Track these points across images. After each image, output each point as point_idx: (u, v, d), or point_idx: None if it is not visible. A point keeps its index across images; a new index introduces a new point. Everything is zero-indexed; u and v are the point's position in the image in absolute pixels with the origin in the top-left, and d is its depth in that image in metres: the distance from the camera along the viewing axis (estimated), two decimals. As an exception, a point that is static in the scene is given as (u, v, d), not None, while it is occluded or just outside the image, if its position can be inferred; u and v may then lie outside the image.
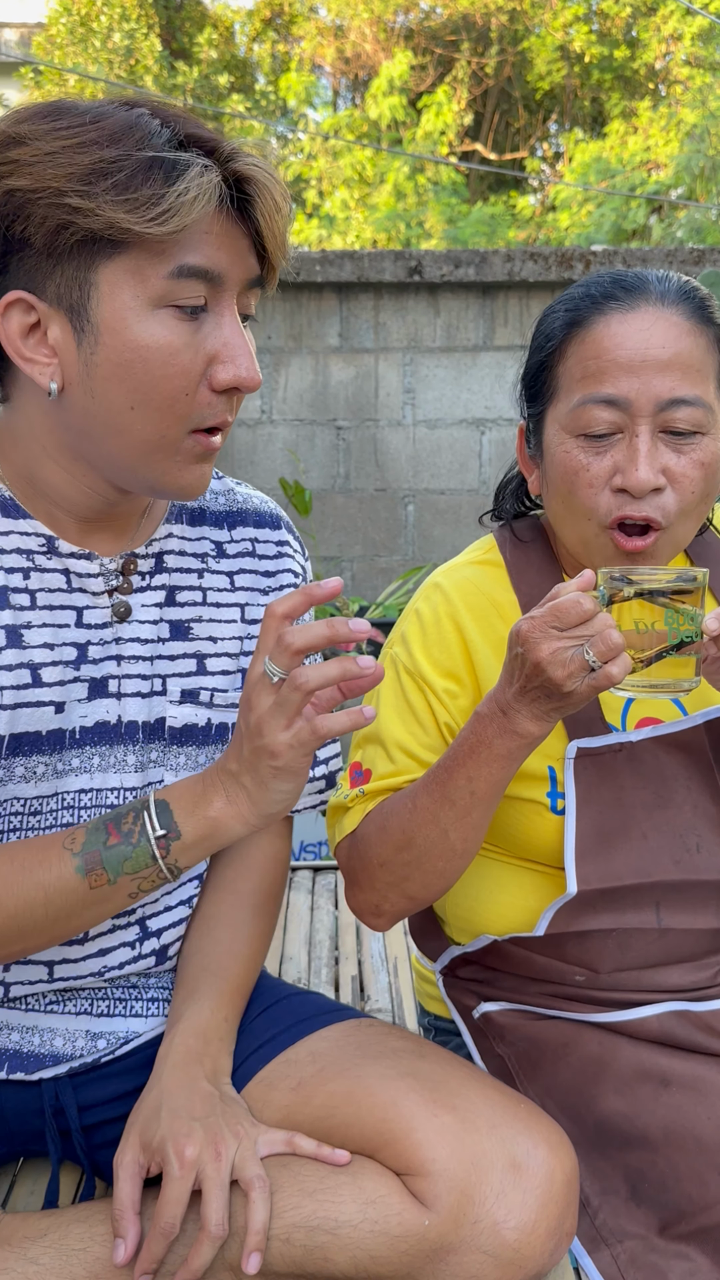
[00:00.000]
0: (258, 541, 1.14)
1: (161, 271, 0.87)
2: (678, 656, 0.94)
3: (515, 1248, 0.93)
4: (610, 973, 1.14)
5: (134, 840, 0.93)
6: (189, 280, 0.88)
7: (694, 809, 1.12)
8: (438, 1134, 0.95)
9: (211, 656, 1.08)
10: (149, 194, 0.84)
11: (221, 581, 1.11)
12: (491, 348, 4.61)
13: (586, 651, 0.90)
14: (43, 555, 1.00)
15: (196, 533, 1.11)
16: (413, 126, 11.69)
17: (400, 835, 1.06)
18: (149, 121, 0.87)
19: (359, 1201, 0.93)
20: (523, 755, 1.00)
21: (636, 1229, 1.04)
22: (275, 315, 4.57)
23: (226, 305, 0.91)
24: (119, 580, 1.04)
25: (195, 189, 0.84)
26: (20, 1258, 0.97)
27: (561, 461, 1.06)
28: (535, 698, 0.94)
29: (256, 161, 0.90)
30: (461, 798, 1.02)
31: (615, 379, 1.02)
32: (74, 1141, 1.08)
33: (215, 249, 0.89)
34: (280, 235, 0.92)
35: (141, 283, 0.87)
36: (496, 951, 1.19)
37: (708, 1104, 1.08)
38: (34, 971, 1.05)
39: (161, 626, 1.06)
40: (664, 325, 1.03)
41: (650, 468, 1.01)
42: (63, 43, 11.62)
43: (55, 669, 1.00)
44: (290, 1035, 1.07)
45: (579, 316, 1.07)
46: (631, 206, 10.41)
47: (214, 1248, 0.91)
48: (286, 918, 1.90)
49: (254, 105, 12.30)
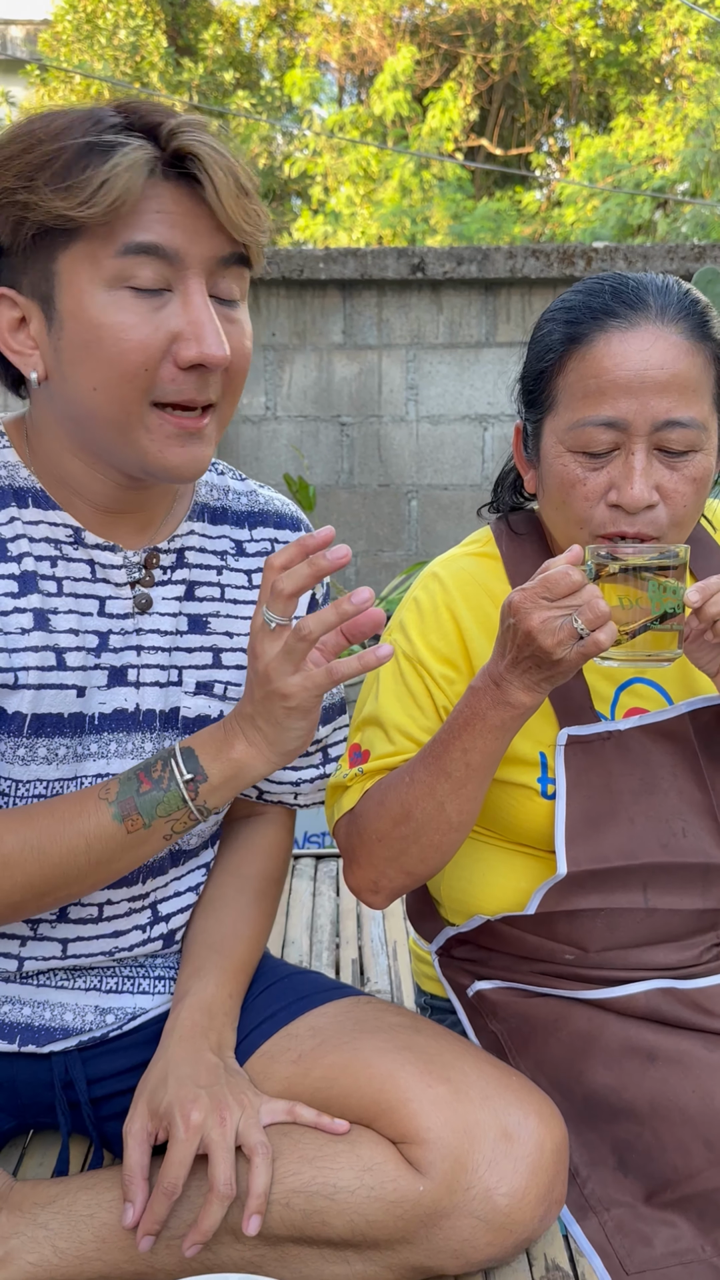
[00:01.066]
0: (276, 542, 1.17)
1: (110, 251, 0.89)
2: (660, 629, 0.99)
3: (506, 1213, 0.97)
4: (599, 951, 1.18)
5: (164, 786, 0.98)
6: (139, 257, 0.89)
7: (680, 795, 1.15)
8: (432, 1104, 0.98)
9: (227, 651, 1.11)
10: (82, 179, 0.87)
11: (239, 579, 1.13)
12: (494, 344, 4.63)
13: (575, 620, 0.94)
14: (70, 545, 1.04)
15: (218, 531, 1.14)
16: (418, 123, 11.69)
17: (398, 809, 1.09)
18: (103, 112, 0.91)
19: (356, 1168, 0.97)
20: (515, 726, 1.03)
21: (623, 1197, 1.08)
22: (279, 312, 4.60)
23: (193, 284, 0.92)
24: (141, 573, 1.07)
25: (121, 166, 0.86)
26: (30, 1223, 1.01)
27: (559, 474, 1.09)
28: (527, 668, 0.98)
29: (201, 137, 0.90)
30: (457, 770, 1.05)
31: (614, 400, 1.05)
32: (83, 1113, 1.12)
33: (167, 227, 0.90)
34: (238, 207, 0.91)
35: (95, 266, 0.90)
36: (490, 931, 1.22)
37: (693, 1077, 1.11)
38: (48, 948, 1.09)
39: (180, 619, 1.09)
40: (663, 345, 1.05)
41: (645, 486, 1.04)
42: (68, 40, 11.63)
43: (78, 654, 1.03)
44: (291, 1011, 1.11)
45: (579, 331, 1.08)
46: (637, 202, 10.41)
47: (223, 1207, 0.95)
48: (289, 903, 1.94)
49: (259, 102, 12.31)
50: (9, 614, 1.00)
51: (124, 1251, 1.00)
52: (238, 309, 0.98)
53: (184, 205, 0.90)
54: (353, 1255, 0.98)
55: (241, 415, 4.68)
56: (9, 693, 1.00)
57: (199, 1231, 0.96)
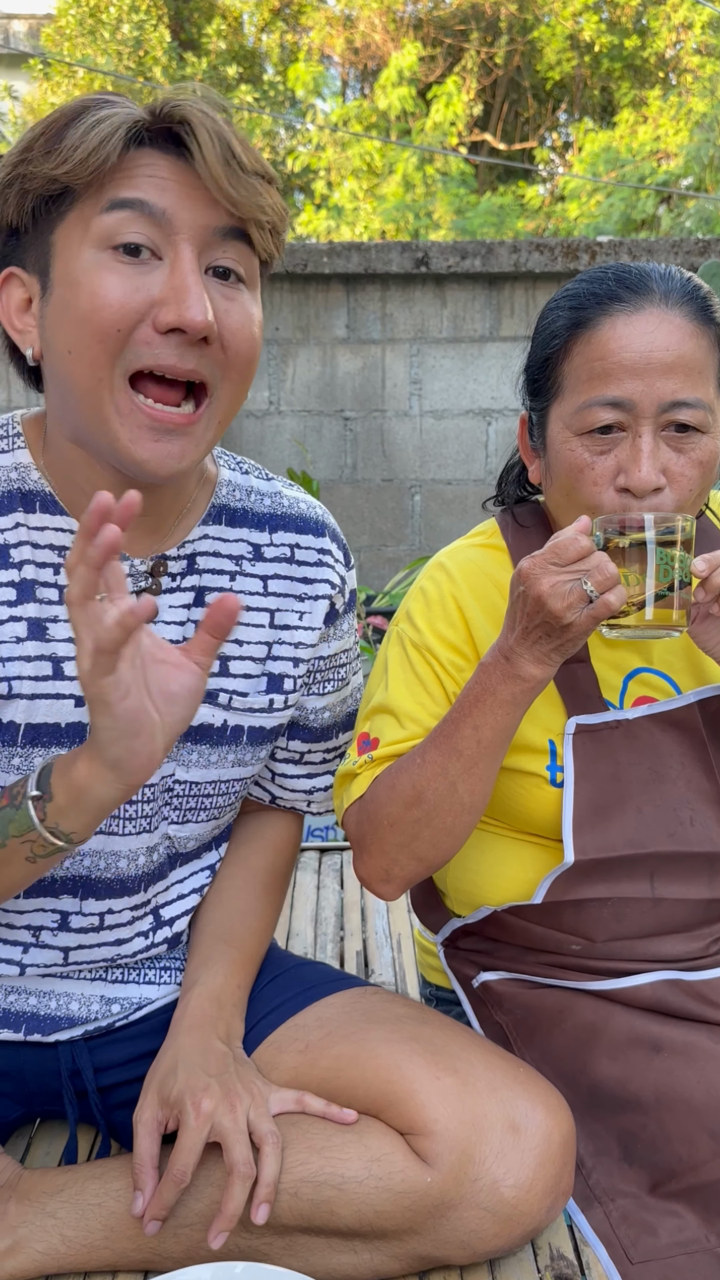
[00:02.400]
0: (298, 548, 1.13)
1: (97, 209, 0.89)
2: (667, 600, 0.99)
3: (513, 1204, 0.97)
4: (605, 942, 1.18)
5: (18, 802, 0.88)
6: (125, 213, 0.88)
7: (688, 784, 1.15)
8: (439, 1096, 0.99)
9: (235, 659, 1.09)
10: (68, 140, 0.87)
11: (254, 585, 1.10)
12: (498, 338, 4.63)
13: (585, 583, 0.95)
14: None
15: (235, 534, 1.10)
16: (422, 117, 11.67)
17: (410, 791, 1.08)
18: (109, 95, 0.92)
19: (364, 1159, 0.97)
20: (526, 701, 1.03)
21: (628, 1188, 1.08)
22: (283, 307, 4.60)
23: (183, 250, 0.89)
24: (148, 582, 1.04)
25: (102, 125, 0.87)
26: (39, 1212, 1.02)
27: (566, 459, 1.09)
28: (537, 638, 0.99)
29: (194, 103, 0.88)
30: (469, 747, 1.05)
31: (620, 381, 1.05)
32: (90, 1102, 1.12)
33: (157, 189, 0.89)
34: (227, 178, 0.88)
35: (84, 228, 0.90)
36: (495, 922, 1.22)
37: (698, 1069, 1.11)
38: (50, 955, 1.09)
39: (188, 628, 1.06)
40: (668, 328, 1.06)
41: (652, 468, 1.05)
42: (72, 34, 11.61)
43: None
44: (298, 1002, 1.11)
45: (584, 316, 1.09)
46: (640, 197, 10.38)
47: (245, 1187, 0.95)
48: (294, 896, 1.95)
49: (262, 96, 12.29)
50: (4, 623, 0.98)
51: (132, 1240, 1.00)
52: (240, 289, 0.94)
53: (178, 173, 0.89)
54: (360, 1245, 0.98)
55: (245, 410, 4.68)
56: (2, 703, 0.98)
57: (225, 1218, 0.95)
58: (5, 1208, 1.02)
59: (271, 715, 1.12)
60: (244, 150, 0.90)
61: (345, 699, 1.23)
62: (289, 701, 1.14)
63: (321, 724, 1.21)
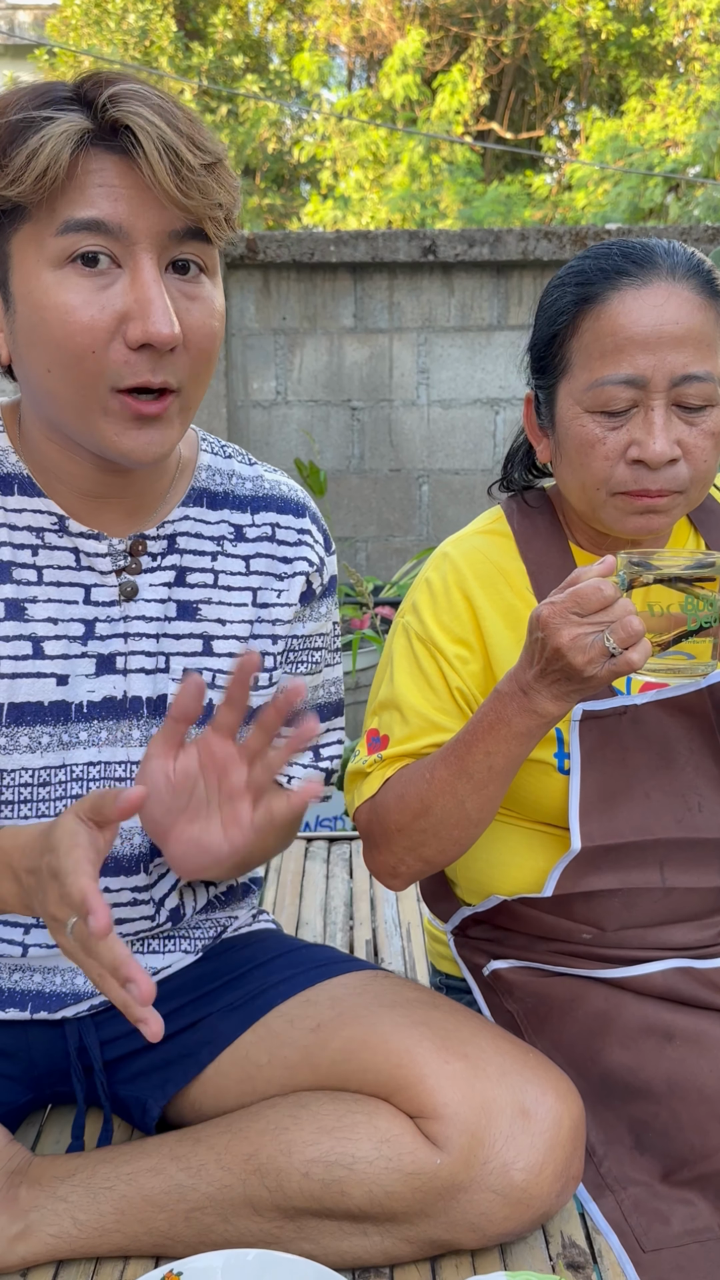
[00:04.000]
0: (279, 527, 1.14)
1: (51, 230, 0.87)
2: (695, 640, 0.97)
3: (523, 1188, 0.97)
4: (616, 931, 1.17)
5: None
6: (80, 234, 0.87)
7: (696, 770, 1.15)
8: (449, 1080, 0.99)
9: (219, 639, 1.10)
10: (13, 155, 0.85)
11: (236, 565, 1.11)
12: (505, 327, 4.61)
13: (607, 638, 0.92)
14: (54, 533, 1.03)
15: (217, 516, 1.11)
16: (427, 106, 11.61)
17: (418, 804, 1.09)
18: (56, 87, 0.88)
19: (374, 1140, 0.97)
20: (541, 733, 1.03)
21: (640, 1176, 1.08)
22: (290, 296, 4.59)
23: (142, 259, 0.89)
24: (127, 560, 1.06)
25: (47, 141, 0.84)
26: (50, 1196, 1.02)
27: (577, 435, 1.09)
28: (555, 679, 0.97)
29: (134, 108, 0.85)
30: (479, 771, 1.05)
31: (632, 357, 1.05)
32: (95, 1079, 1.12)
33: (110, 201, 0.87)
34: (175, 184, 0.86)
35: (39, 246, 0.88)
36: (506, 911, 1.22)
37: (710, 1057, 1.11)
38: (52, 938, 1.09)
39: (169, 606, 1.07)
40: (677, 301, 1.05)
41: (666, 441, 1.04)
42: (77, 24, 11.57)
43: (59, 643, 1.03)
44: (310, 977, 1.12)
45: (591, 292, 1.08)
46: (649, 185, 10.33)
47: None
48: (303, 885, 1.95)
49: (268, 86, 12.24)
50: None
51: (143, 1224, 1.01)
52: (201, 284, 0.94)
53: (128, 178, 0.87)
54: (371, 1228, 0.98)
55: (252, 400, 4.67)
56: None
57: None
58: (16, 1193, 1.02)
59: (256, 694, 1.13)
60: (190, 147, 0.87)
61: (317, 687, 1.22)
62: (272, 679, 1.15)
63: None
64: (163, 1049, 1.13)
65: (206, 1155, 1.01)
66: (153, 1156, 1.03)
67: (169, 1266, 0.94)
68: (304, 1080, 1.05)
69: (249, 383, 4.67)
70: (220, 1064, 1.09)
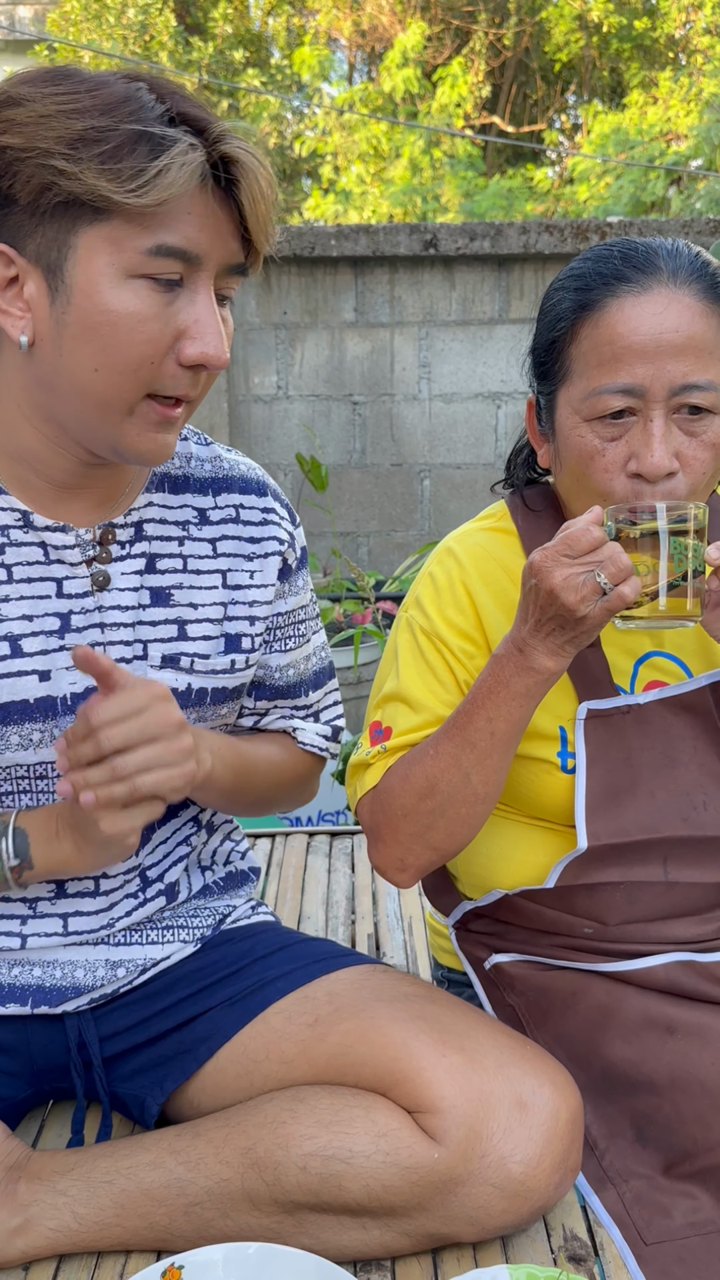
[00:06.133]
0: (243, 508, 1.16)
1: (140, 246, 0.90)
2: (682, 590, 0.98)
3: (521, 1181, 0.97)
4: (618, 925, 1.17)
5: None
6: (167, 259, 0.91)
7: (700, 768, 1.14)
8: (446, 1073, 0.98)
9: (193, 623, 1.11)
10: (133, 166, 0.86)
11: (203, 549, 1.12)
12: (507, 321, 4.60)
13: (599, 575, 0.94)
14: (18, 530, 1.03)
15: (179, 500, 1.12)
16: (428, 99, 11.58)
17: (423, 782, 1.08)
18: (145, 95, 0.90)
19: (372, 1134, 0.97)
20: (540, 693, 1.03)
21: (642, 1169, 1.08)
22: (291, 290, 4.58)
23: (203, 283, 0.94)
24: (96, 550, 1.06)
25: (178, 165, 0.87)
26: (49, 1190, 1.02)
27: (576, 446, 1.08)
28: (550, 630, 0.98)
29: (244, 145, 0.91)
30: (482, 739, 1.05)
31: (630, 366, 1.03)
32: (95, 1075, 1.12)
33: (196, 229, 0.91)
34: (264, 220, 0.94)
35: (118, 252, 0.90)
36: (508, 905, 1.22)
37: (712, 1050, 1.11)
38: (50, 924, 1.10)
39: (142, 593, 1.08)
40: (677, 308, 1.03)
41: (665, 453, 1.03)
42: (77, 19, 11.55)
43: (37, 639, 1.03)
44: (308, 972, 1.11)
45: (590, 298, 1.07)
46: (650, 178, 10.30)
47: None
48: (305, 879, 1.95)
49: (269, 80, 12.22)
50: None
51: (142, 1219, 1.01)
52: (228, 308, 1.00)
53: (211, 208, 0.92)
54: (370, 1222, 0.98)
55: (253, 395, 4.67)
56: None
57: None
58: (15, 1187, 1.02)
59: (234, 675, 1.14)
60: (271, 189, 0.94)
61: (309, 656, 1.26)
62: (250, 661, 1.16)
63: (286, 681, 1.24)
64: (161, 1045, 1.13)
65: (205, 1149, 1.01)
66: (152, 1151, 1.03)
67: (170, 1260, 0.94)
68: (302, 1075, 1.05)
69: (250, 377, 4.66)
70: (218, 1060, 1.09)
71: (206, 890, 1.21)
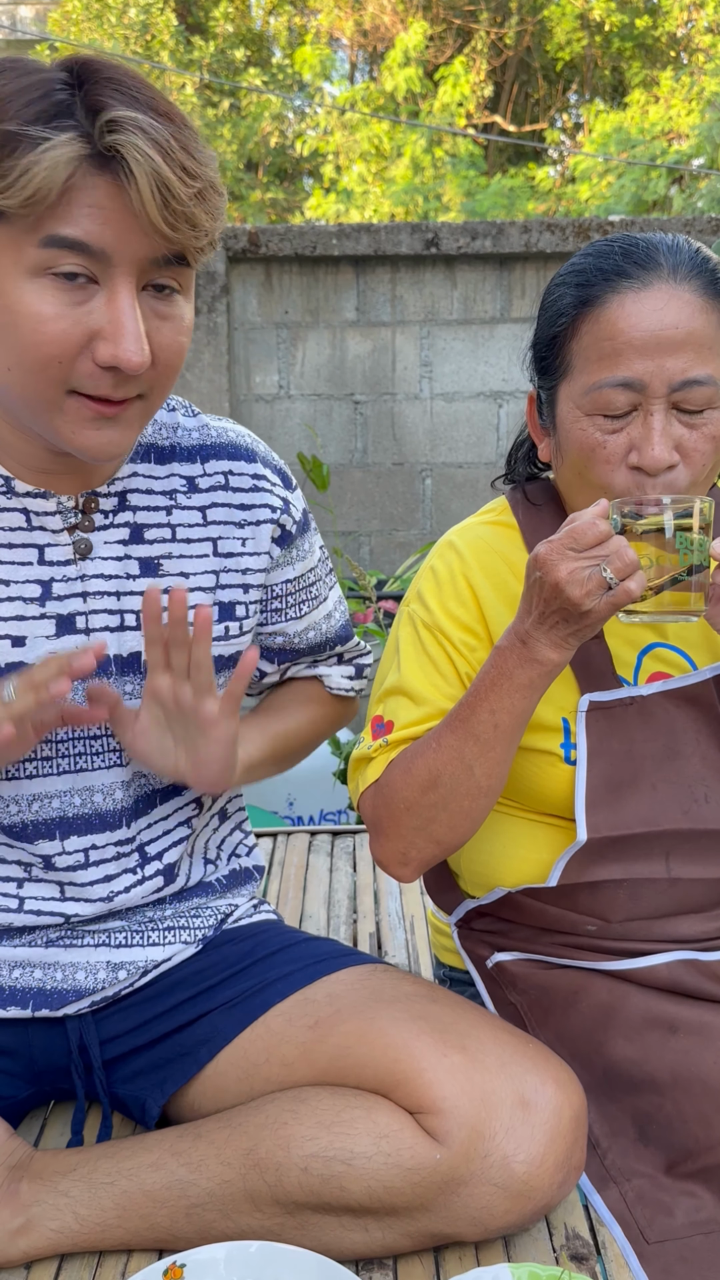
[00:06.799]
0: (232, 474, 1.14)
1: (33, 241, 0.87)
2: (686, 584, 0.98)
3: (524, 1180, 0.96)
4: (621, 922, 1.17)
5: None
6: (61, 250, 0.87)
7: (703, 761, 1.14)
8: (448, 1073, 0.98)
9: (186, 592, 1.09)
10: (5, 166, 0.84)
11: (193, 517, 1.12)
12: (509, 320, 4.60)
13: (604, 569, 0.94)
14: (0, 495, 1.03)
15: (165, 470, 1.12)
16: (430, 99, 11.57)
17: (426, 775, 1.08)
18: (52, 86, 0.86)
19: (373, 1135, 0.97)
20: (543, 685, 1.03)
21: (644, 1168, 1.08)
22: (292, 289, 4.58)
23: (120, 281, 0.89)
24: (78, 518, 1.06)
25: (42, 163, 0.83)
26: (51, 1190, 1.02)
27: (578, 439, 1.08)
28: (554, 623, 0.98)
29: (130, 138, 0.84)
30: (485, 731, 1.04)
31: (630, 361, 1.04)
32: (95, 1077, 1.12)
33: (97, 223, 0.87)
34: (164, 218, 0.87)
35: (17, 251, 0.88)
36: (510, 903, 1.22)
37: (714, 1049, 1.10)
38: (47, 889, 1.10)
39: (129, 563, 1.08)
40: (677, 304, 1.04)
41: (665, 446, 1.03)
42: (78, 19, 11.56)
43: (13, 604, 1.03)
44: (308, 974, 1.11)
45: (591, 294, 1.07)
46: (652, 177, 10.29)
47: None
48: (306, 878, 1.95)
49: (270, 79, 12.21)
50: None
51: (144, 1219, 1.00)
52: (174, 303, 0.94)
53: (116, 200, 0.87)
54: (372, 1223, 0.98)
55: (255, 394, 4.66)
56: None
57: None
58: (17, 1187, 1.02)
59: (229, 643, 1.14)
60: (184, 178, 0.87)
61: (329, 614, 1.27)
62: (244, 628, 1.16)
63: (309, 643, 1.26)
64: (162, 1048, 1.12)
65: (206, 1150, 1.01)
66: (153, 1152, 1.03)
67: (172, 1259, 0.94)
68: (303, 1076, 1.05)
69: (251, 376, 4.66)
70: (219, 1063, 1.09)
71: (209, 886, 1.21)
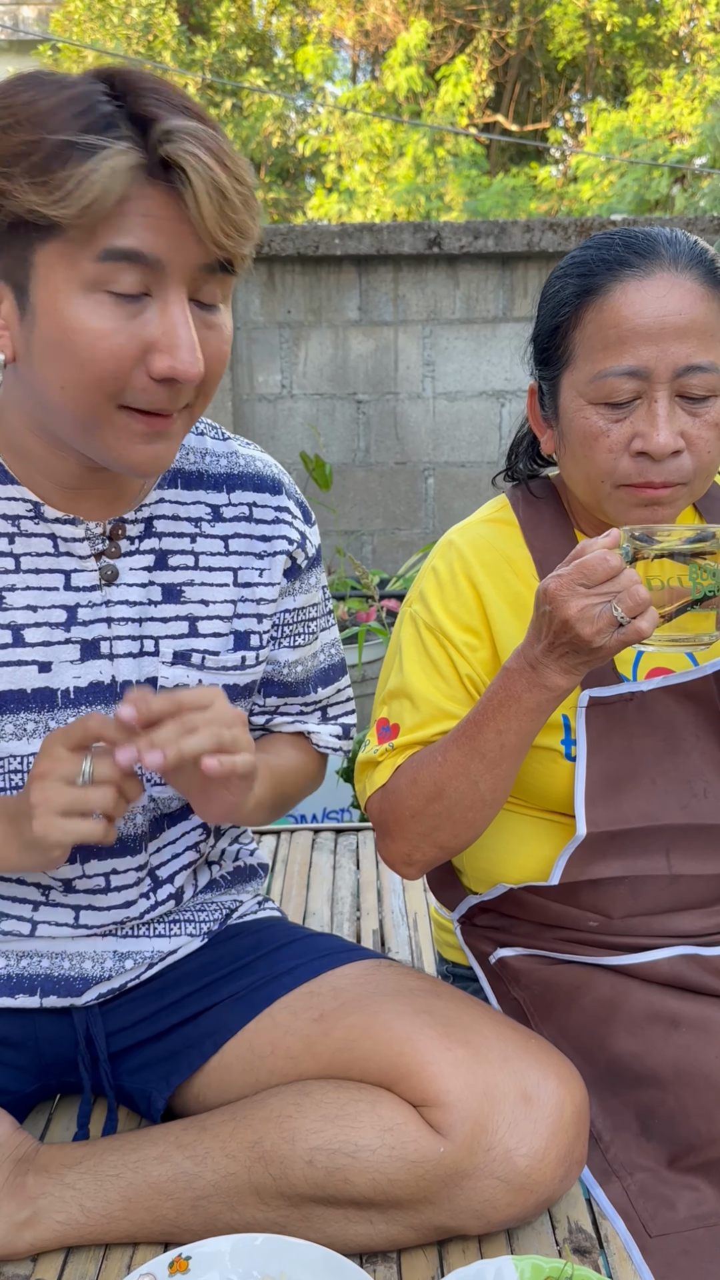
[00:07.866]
0: (256, 506, 1.15)
1: (89, 255, 0.85)
2: (699, 611, 0.97)
3: (526, 1174, 0.97)
4: (623, 918, 1.17)
5: None
6: (119, 263, 0.86)
7: (702, 756, 1.15)
8: (451, 1067, 0.99)
9: (204, 619, 1.11)
10: (61, 176, 0.82)
11: (215, 545, 1.12)
12: (511, 319, 4.60)
13: (614, 608, 0.93)
14: (29, 520, 1.03)
15: (192, 496, 1.12)
16: (432, 98, 11.57)
17: (431, 787, 1.09)
18: (94, 97, 0.85)
19: (377, 1128, 0.97)
20: (551, 707, 1.03)
21: (646, 1162, 1.08)
22: (295, 289, 4.58)
23: (172, 292, 0.88)
24: (105, 544, 1.06)
25: (100, 171, 0.82)
26: (57, 1183, 1.03)
27: (581, 427, 1.09)
28: (564, 653, 0.98)
29: (188, 147, 0.84)
30: (491, 750, 1.05)
31: (635, 348, 1.04)
32: (101, 1069, 1.13)
33: (152, 233, 0.86)
34: (220, 226, 0.87)
35: (72, 266, 0.86)
36: (513, 899, 1.22)
37: (716, 1044, 1.11)
38: (61, 914, 1.10)
39: (152, 589, 1.08)
40: (679, 292, 1.05)
41: (670, 432, 1.04)
42: (80, 19, 11.56)
43: (40, 630, 1.04)
44: (313, 968, 1.12)
45: (594, 283, 1.08)
46: (654, 176, 10.28)
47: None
48: (310, 876, 1.95)
49: (272, 79, 12.21)
50: None
51: (150, 1212, 1.01)
52: (218, 314, 0.94)
53: (170, 210, 0.86)
54: (376, 1215, 0.99)
55: (257, 394, 4.67)
56: None
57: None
58: (23, 1180, 1.03)
59: (244, 673, 1.15)
60: (236, 185, 0.87)
61: (316, 654, 1.25)
62: (259, 657, 1.16)
63: (295, 678, 1.24)
64: (167, 1040, 1.13)
65: (212, 1143, 1.01)
66: (159, 1144, 1.04)
67: (178, 1251, 0.95)
68: (307, 1070, 1.05)
69: (254, 376, 4.66)
70: (223, 1055, 1.10)
71: (213, 885, 1.22)
